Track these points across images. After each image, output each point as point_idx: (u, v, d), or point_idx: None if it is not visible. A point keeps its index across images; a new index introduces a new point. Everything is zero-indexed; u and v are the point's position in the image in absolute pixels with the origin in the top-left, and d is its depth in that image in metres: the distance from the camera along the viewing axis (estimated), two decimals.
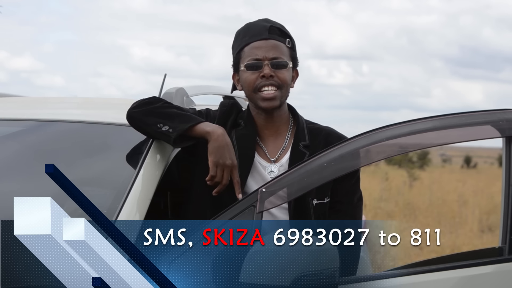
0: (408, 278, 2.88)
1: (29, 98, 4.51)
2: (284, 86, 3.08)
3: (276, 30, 3.12)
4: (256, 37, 3.10)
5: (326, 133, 3.19)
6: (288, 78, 3.10)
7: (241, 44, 3.13)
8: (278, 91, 3.07)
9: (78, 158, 3.15)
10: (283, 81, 3.07)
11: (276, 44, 3.09)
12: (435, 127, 2.90)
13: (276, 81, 3.06)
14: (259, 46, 3.09)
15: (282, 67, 3.08)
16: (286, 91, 3.11)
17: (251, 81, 3.08)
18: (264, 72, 3.05)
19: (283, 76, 3.08)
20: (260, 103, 3.08)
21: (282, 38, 3.12)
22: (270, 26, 3.12)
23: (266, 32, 3.10)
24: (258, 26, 3.13)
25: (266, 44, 3.09)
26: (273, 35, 3.10)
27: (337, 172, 2.84)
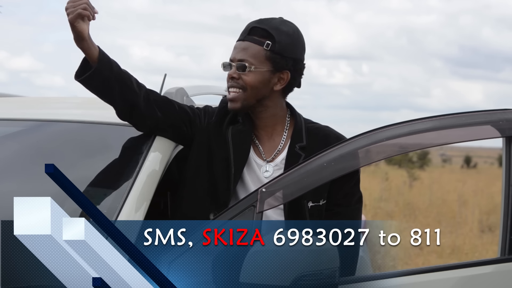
0: (408, 278, 2.88)
1: (29, 98, 4.51)
2: (247, 89, 3.08)
3: (258, 31, 3.10)
4: (239, 37, 3.14)
5: (325, 133, 3.19)
6: (252, 81, 3.08)
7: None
8: (241, 93, 3.08)
9: (78, 158, 3.15)
10: (246, 83, 3.08)
11: (247, 46, 3.09)
12: (435, 127, 2.90)
13: (239, 82, 3.08)
14: (235, 46, 3.14)
15: (243, 69, 3.07)
16: (252, 94, 3.09)
17: (226, 80, 3.13)
18: (228, 72, 3.11)
19: (246, 78, 3.07)
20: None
21: (262, 39, 3.09)
22: (252, 27, 3.11)
23: (246, 32, 3.12)
24: (247, 26, 3.15)
25: (239, 45, 3.12)
26: (251, 37, 3.10)
27: (337, 172, 2.84)
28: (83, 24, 2.89)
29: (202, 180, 3.07)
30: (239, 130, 3.12)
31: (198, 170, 3.08)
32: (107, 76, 2.95)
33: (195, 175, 3.08)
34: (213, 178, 3.07)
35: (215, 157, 3.08)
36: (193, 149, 3.10)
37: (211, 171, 3.08)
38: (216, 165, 3.08)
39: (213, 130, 3.10)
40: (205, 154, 3.09)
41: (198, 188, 3.07)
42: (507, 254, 2.97)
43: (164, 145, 3.06)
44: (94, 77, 2.94)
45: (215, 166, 3.08)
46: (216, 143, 3.09)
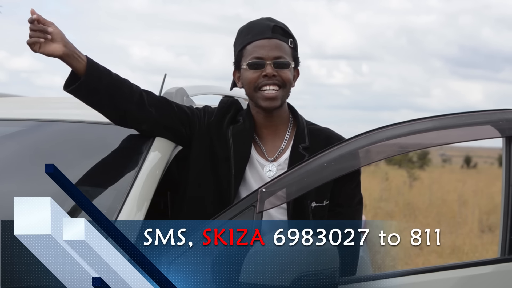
0: (408, 278, 2.88)
1: (29, 98, 4.51)
2: (286, 86, 3.08)
3: (279, 30, 3.11)
4: (259, 36, 3.10)
5: (326, 135, 3.19)
6: (290, 78, 3.10)
7: (244, 42, 3.13)
8: (279, 91, 3.07)
9: (78, 158, 3.15)
10: (285, 80, 3.07)
11: (279, 44, 3.09)
12: (435, 127, 2.90)
13: (278, 80, 3.06)
14: (262, 45, 3.08)
15: (285, 66, 3.07)
16: (287, 91, 3.11)
17: (253, 80, 3.07)
18: (266, 72, 3.05)
19: (285, 75, 3.07)
20: (261, 102, 3.07)
21: (285, 37, 3.12)
22: (274, 25, 3.11)
23: (269, 31, 3.09)
24: (262, 25, 3.12)
25: (269, 43, 3.08)
26: (276, 35, 3.10)
27: (337, 172, 2.84)
28: (48, 47, 2.86)
29: (205, 181, 3.07)
30: (240, 130, 3.11)
31: (201, 171, 3.08)
32: (95, 87, 2.94)
33: (198, 177, 3.08)
34: (216, 179, 3.06)
35: (216, 157, 3.08)
36: (194, 150, 3.09)
37: (214, 171, 3.07)
38: (218, 165, 3.07)
39: (213, 130, 3.10)
40: (207, 155, 3.08)
41: (201, 189, 3.06)
42: (507, 254, 2.97)
43: (164, 145, 3.06)
44: (81, 88, 2.94)
45: (218, 166, 3.08)
46: (217, 143, 3.09)
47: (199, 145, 3.08)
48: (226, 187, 3.04)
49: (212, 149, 3.08)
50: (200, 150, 3.08)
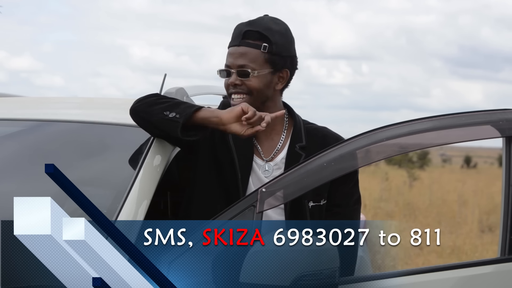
0: (408, 278, 2.88)
1: (29, 98, 4.51)
2: (253, 93, 3.07)
3: (253, 34, 3.08)
4: (232, 43, 3.12)
5: (323, 134, 3.19)
6: (257, 84, 3.07)
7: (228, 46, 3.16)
8: (247, 98, 3.06)
9: (78, 158, 3.15)
10: (251, 88, 3.06)
11: (245, 52, 3.07)
12: (435, 127, 2.90)
13: (243, 88, 3.06)
14: (231, 52, 3.10)
15: (246, 75, 3.06)
16: (258, 96, 3.08)
17: (226, 87, 3.12)
18: (229, 81, 3.08)
19: (250, 83, 3.06)
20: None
21: (258, 42, 3.08)
22: (246, 31, 3.09)
23: (239, 37, 3.09)
24: (237, 30, 3.12)
25: (235, 51, 3.09)
26: (245, 41, 3.08)
27: (337, 172, 2.84)
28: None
29: (213, 187, 3.06)
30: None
31: (207, 177, 3.07)
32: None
33: (204, 183, 3.07)
34: (223, 184, 3.06)
35: (221, 162, 3.08)
36: (199, 156, 3.08)
37: (220, 176, 3.07)
38: (223, 170, 3.07)
39: (216, 135, 3.09)
40: (212, 160, 3.08)
41: (209, 195, 3.05)
42: (507, 254, 2.97)
43: (164, 145, 3.05)
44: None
45: (223, 171, 3.07)
46: (220, 148, 3.08)
47: (204, 151, 3.08)
48: (234, 191, 3.03)
49: (216, 155, 3.08)
50: (205, 157, 3.08)
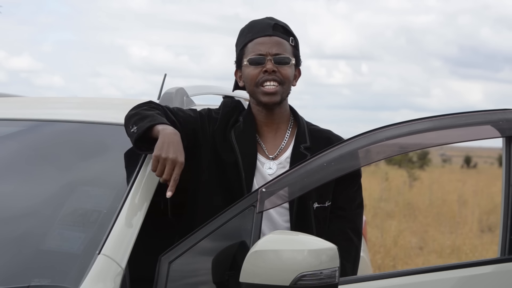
0: (408, 278, 2.88)
1: (28, 98, 4.51)
2: (286, 82, 3.09)
3: (280, 28, 3.14)
4: (260, 33, 3.12)
5: (327, 136, 3.20)
6: (290, 75, 3.11)
7: (245, 40, 3.15)
8: (279, 87, 3.08)
9: (77, 158, 3.14)
10: (285, 77, 3.08)
11: (279, 41, 3.11)
12: (435, 127, 2.90)
13: (278, 76, 3.07)
14: (263, 42, 3.10)
15: (285, 63, 3.09)
16: (287, 88, 3.12)
17: (254, 76, 3.09)
18: (266, 67, 3.06)
19: (285, 72, 3.09)
20: (261, 97, 3.08)
21: (286, 36, 3.14)
22: (274, 24, 3.14)
23: (270, 29, 3.12)
24: (262, 23, 3.15)
25: (269, 40, 3.10)
26: (277, 32, 3.12)
27: (337, 172, 2.84)
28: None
29: (217, 188, 3.06)
30: (242, 131, 3.11)
31: (211, 179, 3.06)
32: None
33: (208, 185, 3.06)
34: (227, 185, 3.06)
35: (224, 163, 3.07)
36: (201, 160, 3.08)
37: (224, 178, 3.06)
38: (227, 171, 3.07)
39: (218, 136, 3.09)
40: (214, 163, 3.08)
41: (213, 197, 3.05)
42: (507, 254, 2.97)
43: None
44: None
45: (226, 172, 3.07)
46: (222, 149, 3.08)
47: (206, 154, 3.08)
48: (238, 191, 3.03)
49: (219, 156, 3.08)
50: (207, 159, 3.07)
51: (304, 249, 2.45)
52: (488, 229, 15.68)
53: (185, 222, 3.17)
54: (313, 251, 2.45)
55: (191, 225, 3.00)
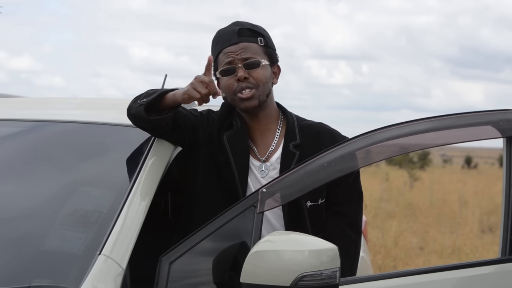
0: (408, 278, 2.88)
1: (29, 99, 4.51)
2: (260, 85, 3.09)
3: (245, 32, 3.14)
4: (226, 43, 3.13)
5: (317, 130, 3.19)
6: (263, 76, 3.10)
7: (215, 52, 3.17)
8: (254, 90, 3.08)
9: (78, 158, 3.15)
10: (258, 80, 3.08)
11: (246, 46, 3.11)
12: (435, 128, 2.90)
13: (251, 81, 3.08)
14: (230, 50, 3.11)
15: (255, 66, 3.09)
16: (264, 89, 3.11)
17: (229, 86, 3.10)
18: (238, 75, 3.07)
19: (257, 75, 3.09)
20: (240, 104, 3.10)
21: (253, 37, 3.14)
22: (239, 29, 3.13)
23: (235, 36, 3.12)
24: (228, 31, 3.16)
25: (236, 48, 3.11)
26: (243, 37, 3.12)
27: (338, 172, 2.84)
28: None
29: (213, 188, 3.07)
30: (233, 133, 3.12)
31: (208, 179, 3.08)
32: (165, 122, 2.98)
33: (205, 184, 3.08)
34: (223, 184, 3.07)
35: (219, 163, 3.08)
36: (199, 159, 3.10)
37: (219, 178, 3.08)
38: (222, 171, 3.08)
39: (214, 136, 3.10)
40: (211, 162, 3.09)
41: (210, 196, 3.06)
42: (507, 254, 2.97)
43: (164, 146, 3.06)
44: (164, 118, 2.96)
45: (221, 172, 3.08)
46: (216, 149, 3.09)
47: (204, 153, 3.09)
48: (233, 191, 3.04)
49: (214, 156, 3.09)
50: (205, 158, 3.09)
51: (304, 250, 2.45)
52: (488, 229, 15.67)
53: (182, 221, 3.18)
54: (314, 251, 2.45)
55: (188, 225, 3.01)
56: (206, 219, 2.70)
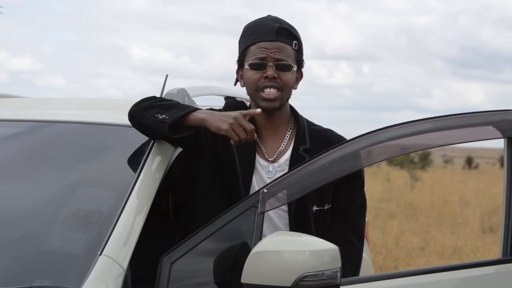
0: (409, 279, 2.88)
1: (30, 99, 4.51)
2: (285, 88, 3.08)
3: (284, 32, 3.11)
4: (263, 37, 3.09)
5: (327, 136, 3.18)
6: (290, 81, 3.10)
7: (248, 42, 3.13)
8: (279, 93, 3.07)
9: (79, 159, 3.14)
10: (285, 83, 3.07)
11: (282, 46, 3.09)
12: (436, 128, 2.90)
13: (278, 82, 3.06)
14: (265, 46, 3.08)
15: (286, 69, 3.08)
16: (287, 93, 3.11)
17: (254, 80, 3.08)
18: (267, 73, 3.05)
19: (286, 78, 3.07)
20: (260, 102, 3.08)
21: (289, 40, 3.12)
22: (278, 27, 3.11)
23: (273, 33, 3.09)
24: (267, 26, 3.12)
25: (272, 46, 3.08)
26: (280, 37, 3.10)
27: (339, 173, 2.84)
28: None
29: (215, 189, 3.06)
30: None
31: (210, 179, 3.07)
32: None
33: (207, 185, 3.07)
34: (225, 186, 3.06)
35: (223, 164, 3.07)
36: (201, 159, 3.08)
37: (222, 178, 3.06)
38: (225, 172, 3.07)
39: (219, 138, 3.08)
40: (214, 163, 3.08)
41: (212, 197, 3.05)
42: (508, 255, 2.97)
43: (165, 146, 3.05)
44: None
45: (225, 173, 3.07)
46: (222, 150, 3.08)
47: (206, 154, 3.08)
48: (235, 193, 3.03)
49: (218, 157, 3.08)
50: (207, 159, 3.08)
51: (305, 250, 2.45)
52: (489, 230, 15.67)
53: (183, 222, 3.17)
54: (315, 252, 2.45)
55: (189, 225, 3.01)
56: (207, 219, 2.69)
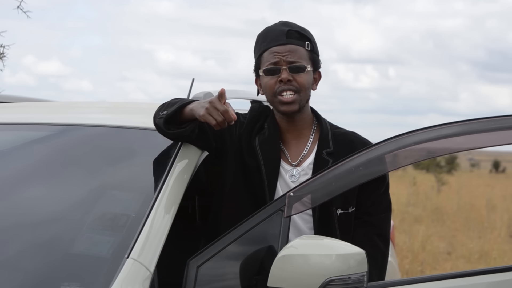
0: (436, 283, 2.86)
1: (57, 103, 4.54)
2: (302, 90, 3.08)
3: (294, 34, 3.11)
4: (274, 42, 3.10)
5: (351, 139, 3.17)
6: (306, 82, 3.09)
7: (260, 49, 3.14)
8: (296, 95, 3.07)
9: (106, 162, 3.16)
10: (301, 85, 3.07)
11: (293, 48, 3.09)
12: (463, 132, 2.88)
13: (294, 85, 3.06)
14: (277, 51, 3.09)
15: (300, 70, 3.08)
16: (305, 95, 3.10)
17: (271, 86, 3.09)
18: (282, 77, 3.06)
19: (301, 79, 3.07)
20: (279, 107, 3.08)
21: (301, 41, 3.11)
22: (288, 30, 3.11)
23: (283, 36, 3.10)
24: (276, 31, 3.13)
25: (283, 49, 3.08)
26: (291, 39, 3.10)
27: (365, 177, 2.83)
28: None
29: (241, 193, 3.06)
30: (265, 138, 3.11)
31: (235, 183, 3.07)
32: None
33: (232, 188, 3.07)
34: (251, 190, 3.06)
35: (248, 168, 3.08)
36: (227, 162, 3.09)
37: (248, 182, 3.07)
38: (251, 176, 3.07)
39: (244, 141, 3.09)
40: (239, 167, 3.08)
41: (237, 201, 3.06)
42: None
43: (192, 150, 3.06)
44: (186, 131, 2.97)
45: (250, 177, 3.07)
46: (247, 154, 3.09)
47: (232, 158, 3.08)
48: (261, 196, 3.03)
49: (243, 160, 3.09)
50: (232, 162, 3.08)
51: (332, 254, 2.45)
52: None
53: (210, 225, 3.18)
54: (341, 255, 2.45)
55: (216, 229, 3.01)
56: (234, 223, 2.70)
